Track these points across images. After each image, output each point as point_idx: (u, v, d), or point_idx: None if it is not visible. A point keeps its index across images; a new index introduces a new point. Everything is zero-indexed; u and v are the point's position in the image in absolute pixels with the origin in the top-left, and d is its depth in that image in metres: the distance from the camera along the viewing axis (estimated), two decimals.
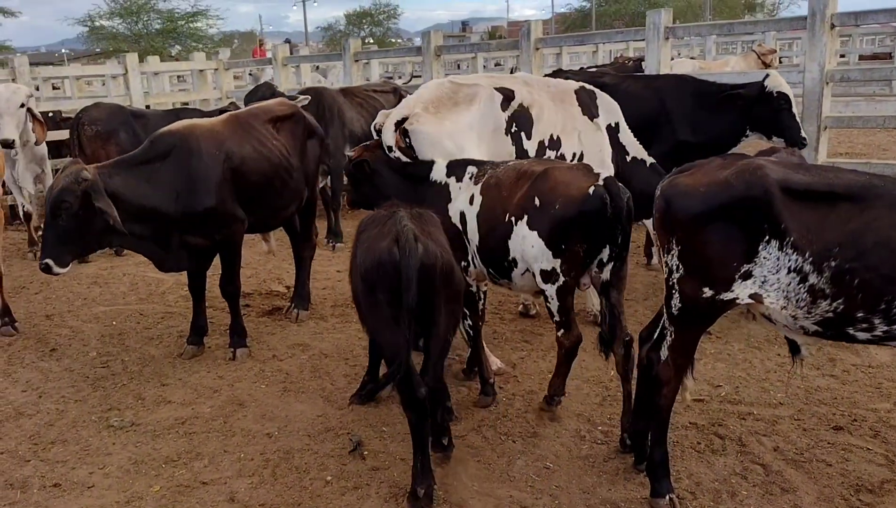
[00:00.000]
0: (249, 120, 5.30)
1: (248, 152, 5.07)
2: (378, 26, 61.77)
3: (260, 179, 5.11)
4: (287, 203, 5.47)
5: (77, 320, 6.04)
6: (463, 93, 4.75)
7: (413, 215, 3.54)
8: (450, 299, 3.45)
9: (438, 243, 3.45)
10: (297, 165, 5.44)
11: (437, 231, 3.58)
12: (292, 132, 5.49)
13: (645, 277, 6.54)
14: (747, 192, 2.93)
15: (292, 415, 4.29)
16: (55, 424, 4.30)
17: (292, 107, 5.65)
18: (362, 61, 11.66)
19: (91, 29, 44.38)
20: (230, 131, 5.08)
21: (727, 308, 3.11)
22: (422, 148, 4.50)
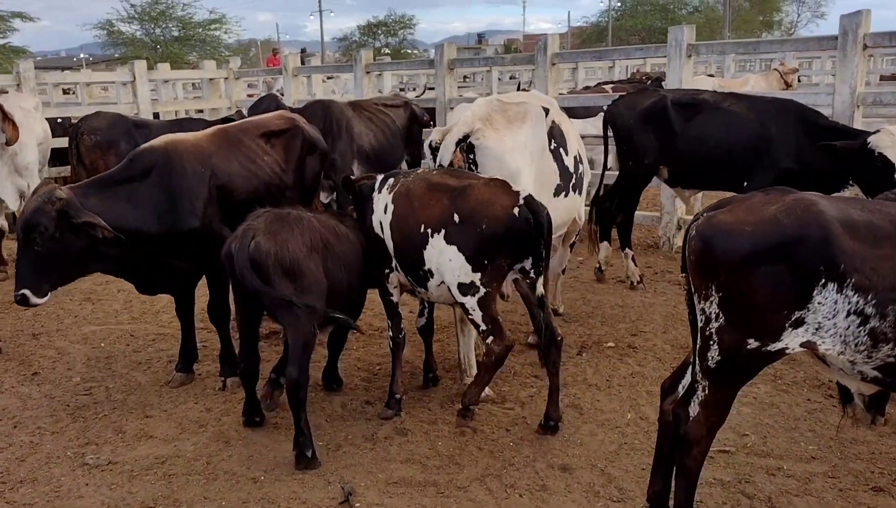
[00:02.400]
0: (239, 135, 4.98)
1: (236, 169, 4.77)
2: (393, 37, 61.75)
3: (249, 197, 4.75)
4: None
5: (65, 340, 5.75)
6: (513, 111, 4.80)
7: (278, 217, 4.03)
8: (298, 292, 3.84)
9: (280, 242, 3.87)
10: (293, 183, 5.11)
11: (291, 234, 3.95)
12: (288, 147, 5.15)
13: (664, 307, 6.20)
14: (801, 231, 2.59)
15: (281, 457, 3.96)
16: (27, 459, 4.00)
17: (289, 121, 5.29)
18: (374, 73, 11.39)
19: (109, 34, 44.52)
20: (217, 147, 4.77)
21: (774, 360, 2.79)
22: (486, 163, 4.54)
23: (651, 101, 6.39)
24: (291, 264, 3.87)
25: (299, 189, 5.21)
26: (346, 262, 4.25)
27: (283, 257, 3.85)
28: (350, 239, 4.34)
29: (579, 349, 5.36)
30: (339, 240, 4.25)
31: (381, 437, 4.16)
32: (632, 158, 6.55)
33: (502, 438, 4.14)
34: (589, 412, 4.43)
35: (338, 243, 4.22)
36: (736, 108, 6.06)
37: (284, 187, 5.03)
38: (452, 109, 9.50)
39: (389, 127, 7.93)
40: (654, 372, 4.90)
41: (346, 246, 4.28)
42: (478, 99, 5.19)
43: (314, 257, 3.99)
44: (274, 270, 3.83)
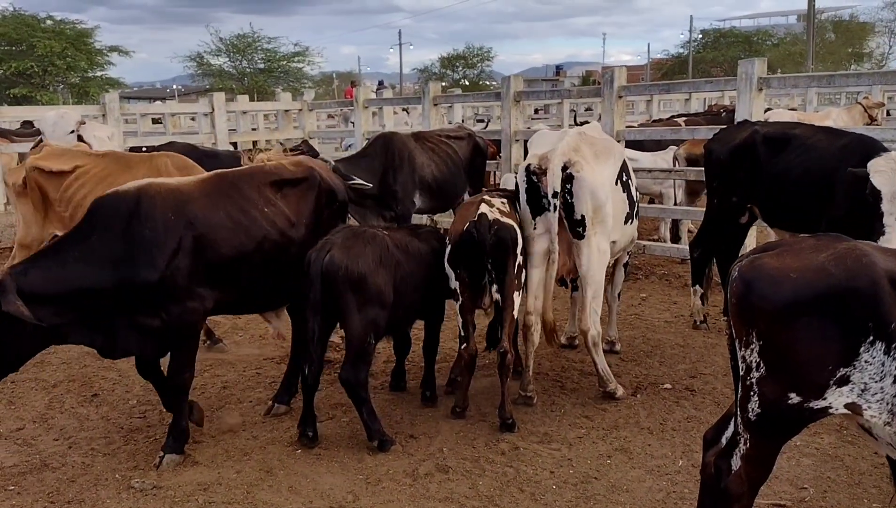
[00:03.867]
0: (238, 181, 4.50)
1: (221, 220, 4.26)
2: (471, 69, 62.43)
3: (234, 252, 4.28)
4: (279, 282, 4.54)
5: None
6: (600, 145, 5.06)
7: (354, 233, 4.41)
8: (361, 304, 4.22)
9: (354, 255, 4.21)
10: (303, 237, 4.56)
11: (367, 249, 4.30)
12: (302, 198, 4.66)
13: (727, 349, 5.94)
14: (850, 282, 2.44)
15: (321, 489, 3.95)
16: (77, 480, 4.10)
17: (306, 169, 4.77)
18: (443, 105, 11.49)
19: (199, 66, 46.56)
20: (202, 193, 4.31)
21: (818, 418, 2.62)
22: (580, 194, 4.74)
23: (743, 135, 6.09)
24: (359, 277, 4.21)
25: (313, 243, 4.52)
26: (416, 277, 4.60)
27: (352, 271, 4.19)
28: (422, 255, 4.68)
29: (634, 389, 5.19)
30: (409, 256, 4.58)
31: (421, 473, 4.11)
32: (719, 195, 6.30)
33: (545, 480, 4.03)
34: (639, 456, 4.27)
35: (408, 260, 4.56)
36: (823, 143, 5.68)
37: (290, 242, 4.52)
38: (518, 141, 9.49)
39: (452, 158, 7.96)
40: (711, 417, 4.68)
41: (417, 262, 4.63)
42: (569, 130, 5.27)
43: (382, 272, 4.33)
44: (343, 281, 4.18)
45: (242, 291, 4.45)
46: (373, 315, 4.28)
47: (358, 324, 4.25)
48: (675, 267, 8.52)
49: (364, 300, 4.24)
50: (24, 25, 38.61)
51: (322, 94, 46.89)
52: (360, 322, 4.24)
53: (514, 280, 4.57)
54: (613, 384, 5.05)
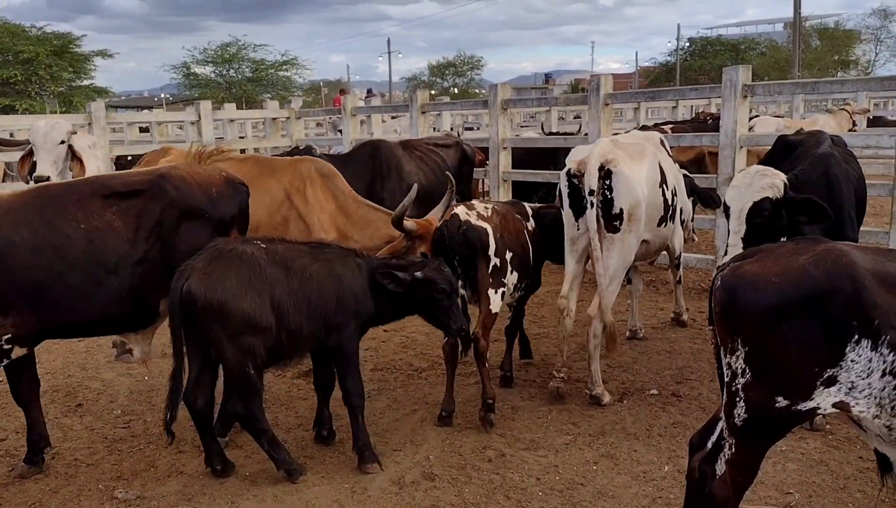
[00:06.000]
0: (63, 195, 4.09)
1: (25, 237, 3.84)
2: (461, 77, 62.66)
3: (44, 273, 3.87)
4: (119, 303, 4.08)
5: (111, 372, 5.88)
6: (632, 149, 5.23)
7: (219, 253, 3.92)
8: (229, 333, 3.82)
9: (214, 281, 3.79)
10: (143, 255, 4.09)
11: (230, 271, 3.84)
12: (143, 212, 4.12)
13: (713, 356, 5.96)
14: (831, 283, 2.46)
15: (306, 499, 3.92)
16: (60, 491, 4.06)
17: (151, 182, 4.20)
18: (430, 113, 11.51)
19: (185, 76, 46.46)
20: (7, 209, 3.92)
21: (805, 419, 2.63)
22: (620, 189, 4.89)
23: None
24: (220, 304, 3.79)
25: (165, 263, 4.13)
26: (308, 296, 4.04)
27: (211, 299, 3.78)
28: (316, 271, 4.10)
29: (621, 395, 5.19)
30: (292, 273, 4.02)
31: (407, 482, 4.09)
32: None
33: (532, 487, 4.02)
34: (625, 462, 4.26)
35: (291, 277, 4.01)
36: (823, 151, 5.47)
37: (124, 261, 4.05)
38: (505, 148, 9.50)
39: (440, 166, 7.95)
40: (697, 422, 4.67)
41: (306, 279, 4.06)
42: (600, 140, 5.49)
43: (250, 295, 3.86)
44: (203, 311, 3.79)
45: (62, 314, 3.99)
46: (246, 344, 3.85)
47: (230, 355, 3.86)
48: (661, 274, 8.54)
49: (232, 329, 3.82)
50: (7, 34, 38.41)
51: (311, 102, 46.82)
52: (231, 353, 3.85)
53: (486, 278, 4.74)
54: (601, 387, 5.06)
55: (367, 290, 4.20)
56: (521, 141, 10.35)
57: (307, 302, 4.02)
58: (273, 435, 4.11)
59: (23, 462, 4.28)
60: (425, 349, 6.25)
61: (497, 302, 4.81)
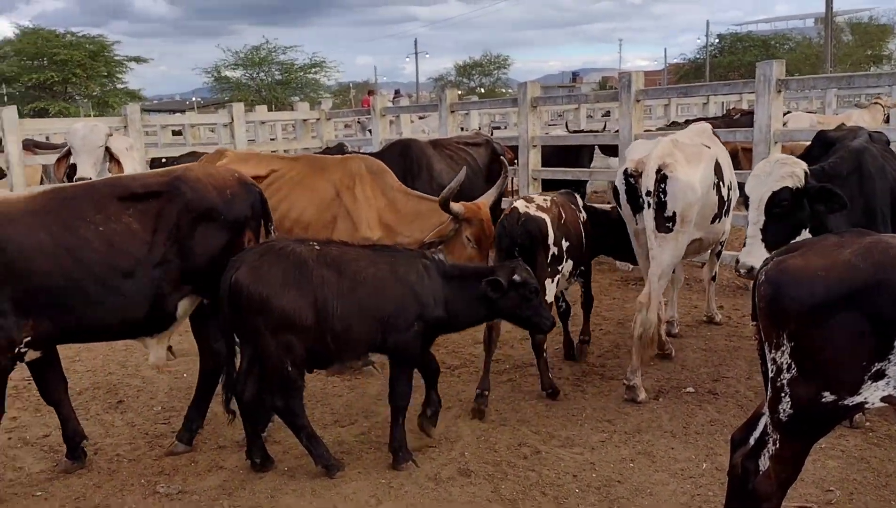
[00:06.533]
0: (80, 197, 4.08)
1: (42, 242, 3.82)
2: (488, 76, 62.58)
3: (61, 276, 3.86)
4: (127, 307, 4.05)
5: (151, 370, 5.96)
6: (689, 151, 5.31)
7: (268, 249, 4.05)
8: (269, 327, 3.88)
9: (259, 275, 3.89)
10: (160, 258, 4.08)
11: (275, 267, 3.92)
12: (160, 214, 4.10)
13: (749, 352, 5.90)
14: (878, 275, 2.43)
15: (344, 493, 3.96)
16: (103, 486, 4.14)
17: (169, 183, 4.19)
18: (459, 112, 11.52)
19: (216, 79, 46.97)
20: (22, 211, 3.91)
21: (852, 414, 2.62)
22: (675, 192, 4.99)
23: None
24: (262, 298, 3.85)
25: (181, 265, 4.16)
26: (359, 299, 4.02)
27: (254, 292, 3.86)
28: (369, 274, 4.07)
29: (656, 393, 5.17)
30: (343, 275, 4.02)
31: (444, 477, 4.11)
32: None
33: (568, 484, 4.02)
34: (662, 460, 4.24)
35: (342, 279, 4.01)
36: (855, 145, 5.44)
37: (141, 264, 4.04)
38: (535, 146, 9.49)
39: (470, 165, 7.94)
40: (734, 420, 4.65)
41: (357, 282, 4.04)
42: (660, 139, 5.50)
43: (292, 293, 3.89)
44: (246, 303, 3.89)
45: (79, 321, 3.99)
46: (285, 340, 3.90)
47: (270, 349, 3.93)
48: (695, 271, 8.47)
49: (272, 324, 3.89)
50: (43, 40, 39.20)
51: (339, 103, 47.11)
52: (271, 348, 3.92)
53: (544, 268, 4.93)
54: (639, 379, 5.08)
55: (436, 293, 4.14)
56: (550, 139, 10.34)
57: (358, 306, 3.99)
58: (312, 431, 4.15)
59: (65, 457, 4.37)
60: (457, 346, 6.27)
61: (552, 291, 5.04)
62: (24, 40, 39.63)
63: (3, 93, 39.69)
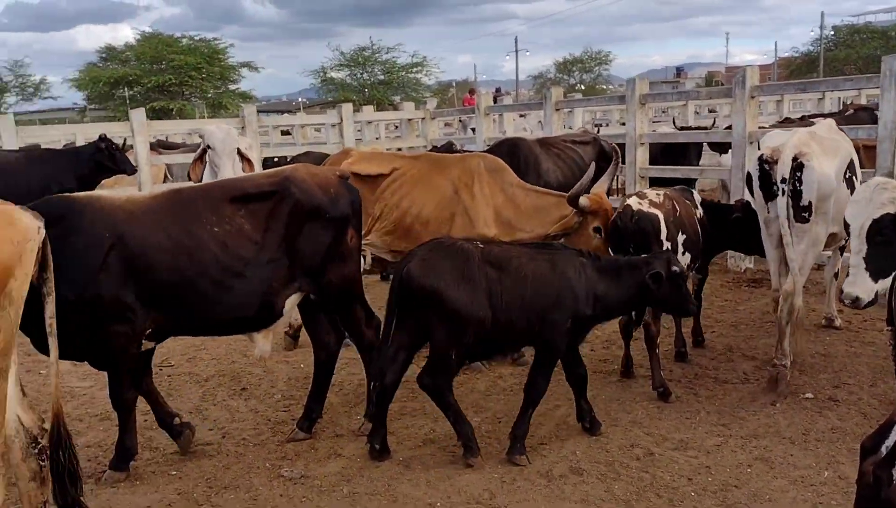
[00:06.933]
0: (194, 197, 4.28)
1: (160, 240, 4.02)
2: (588, 73, 61.74)
3: (174, 274, 4.04)
4: (239, 304, 4.23)
5: (270, 360, 6.25)
6: (826, 144, 5.34)
7: (439, 245, 4.29)
8: (440, 318, 4.09)
9: (429, 268, 4.10)
10: (270, 257, 4.26)
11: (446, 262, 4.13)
12: (272, 214, 4.28)
13: (872, 358, 5.67)
14: None
15: (458, 485, 4.06)
16: (231, 468, 4.39)
17: (279, 183, 4.36)
18: (564, 110, 11.47)
19: (322, 80, 48.31)
20: (145, 210, 4.10)
21: None
22: (810, 182, 5.00)
23: None
24: (433, 290, 4.07)
25: (290, 263, 4.33)
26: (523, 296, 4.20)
27: (425, 284, 4.08)
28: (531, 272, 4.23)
29: (774, 398, 5.04)
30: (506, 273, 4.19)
31: (555, 475, 4.15)
32: None
33: (683, 487, 3.98)
34: (781, 466, 4.15)
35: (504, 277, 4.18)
36: None
37: (251, 263, 4.21)
38: (643, 144, 9.35)
39: (577, 163, 7.94)
40: (857, 428, 4.50)
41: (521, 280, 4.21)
42: (797, 130, 5.59)
43: (463, 287, 4.08)
44: (418, 293, 4.11)
45: (194, 315, 4.20)
46: (454, 330, 4.11)
47: (438, 336, 4.16)
48: (812, 274, 8.15)
49: (442, 314, 4.09)
50: (162, 45, 41.42)
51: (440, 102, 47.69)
52: (440, 335, 4.15)
53: None
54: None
55: (591, 289, 4.32)
56: (658, 136, 10.16)
57: (521, 300, 4.19)
58: (458, 409, 4.34)
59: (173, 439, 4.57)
60: None
61: None
62: (145, 45, 41.99)
63: (124, 94, 42.14)
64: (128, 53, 43.76)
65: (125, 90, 42.12)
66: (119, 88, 42.17)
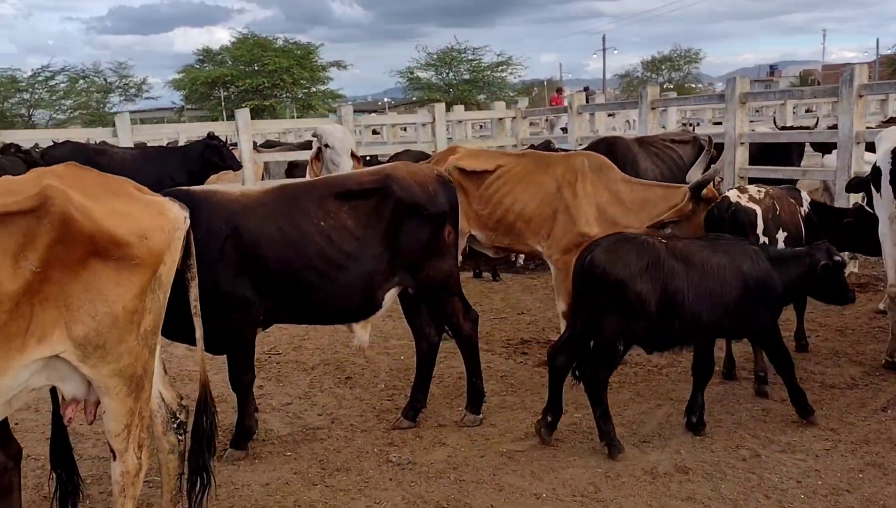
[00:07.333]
0: (301, 193, 4.48)
1: (271, 232, 4.26)
2: (677, 71, 60.40)
3: (283, 265, 4.29)
4: (341, 295, 4.44)
5: (371, 351, 6.46)
6: None
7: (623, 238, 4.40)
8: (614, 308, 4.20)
9: (614, 259, 4.18)
10: (371, 251, 4.44)
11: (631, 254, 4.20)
12: (375, 211, 4.46)
13: None
14: None
15: (562, 478, 4.13)
16: (342, 451, 4.59)
17: (381, 180, 4.52)
18: (659, 109, 11.33)
19: (408, 79, 48.91)
20: (258, 204, 4.34)
21: None
22: None
23: None
24: (616, 281, 4.15)
25: (390, 257, 4.51)
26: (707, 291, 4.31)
27: (608, 274, 4.16)
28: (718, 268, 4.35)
29: (885, 403, 4.91)
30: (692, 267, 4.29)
31: (660, 472, 4.17)
32: None
33: (792, 489, 3.94)
34: (895, 473, 4.05)
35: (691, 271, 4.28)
36: None
37: (352, 257, 4.40)
38: (742, 144, 9.17)
39: (676, 163, 7.88)
40: None
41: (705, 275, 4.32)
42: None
43: (644, 280, 4.16)
44: (598, 282, 4.21)
45: (299, 304, 4.45)
46: (625, 321, 4.21)
47: (607, 326, 4.24)
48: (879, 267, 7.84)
49: (618, 305, 4.20)
50: (257, 47, 42.81)
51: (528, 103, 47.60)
52: (609, 325, 4.23)
53: None
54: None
55: (770, 276, 4.43)
56: (759, 136, 9.93)
57: (707, 293, 4.29)
58: (606, 408, 4.38)
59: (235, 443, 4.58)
60: None
61: None
62: (241, 47, 43.46)
63: (220, 95, 43.73)
64: (223, 55, 45.37)
65: (220, 91, 43.70)
66: (215, 89, 43.78)
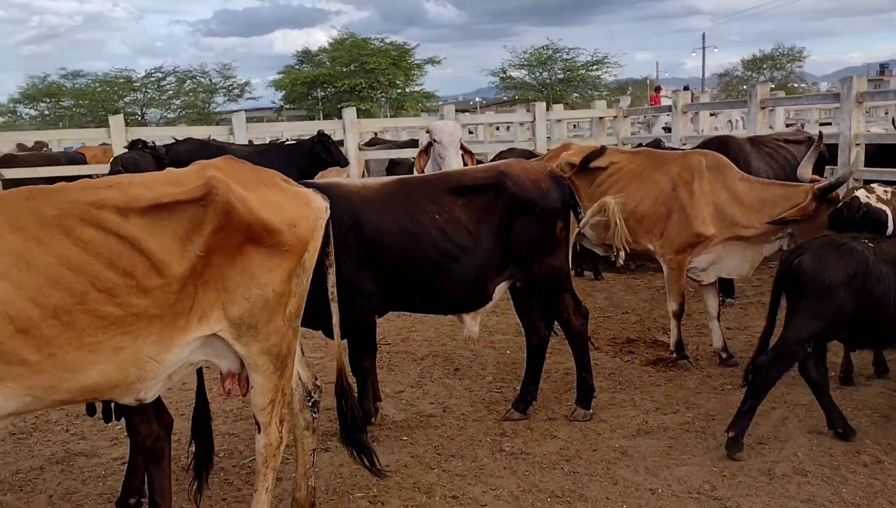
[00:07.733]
0: (417, 187, 4.67)
1: (389, 224, 4.46)
2: (779, 70, 58.26)
3: (400, 256, 4.48)
4: (454, 286, 4.60)
5: (478, 344, 6.59)
6: None
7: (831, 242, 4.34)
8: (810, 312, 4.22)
9: (822, 265, 4.18)
10: (484, 245, 4.56)
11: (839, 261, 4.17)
12: (487, 206, 4.57)
13: None
14: None
15: (677, 475, 4.14)
16: (456, 439, 4.72)
17: (496, 176, 4.64)
18: (768, 109, 11.03)
19: (502, 79, 48.96)
20: (377, 196, 4.54)
21: None
22: None
23: None
24: (822, 287, 4.16)
25: (502, 252, 4.63)
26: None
27: (815, 279, 4.17)
28: None
29: None
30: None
31: (778, 474, 4.12)
32: None
33: None
34: None
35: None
36: None
37: (465, 250, 4.54)
38: (858, 144, 8.83)
39: (790, 163, 7.68)
40: None
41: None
42: None
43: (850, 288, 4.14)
44: (803, 285, 4.22)
45: (413, 293, 4.65)
46: (818, 328, 4.24)
47: (798, 327, 4.25)
48: None
49: (815, 310, 4.21)
50: (355, 47, 43.80)
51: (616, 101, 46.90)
52: (799, 328, 4.25)
53: None
54: None
55: None
56: (876, 137, 9.54)
57: None
58: (757, 406, 4.39)
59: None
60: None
61: None
62: (339, 48, 44.53)
63: (318, 95, 44.92)
64: (321, 56, 46.56)
65: (318, 91, 44.89)
66: (314, 89, 44.99)
